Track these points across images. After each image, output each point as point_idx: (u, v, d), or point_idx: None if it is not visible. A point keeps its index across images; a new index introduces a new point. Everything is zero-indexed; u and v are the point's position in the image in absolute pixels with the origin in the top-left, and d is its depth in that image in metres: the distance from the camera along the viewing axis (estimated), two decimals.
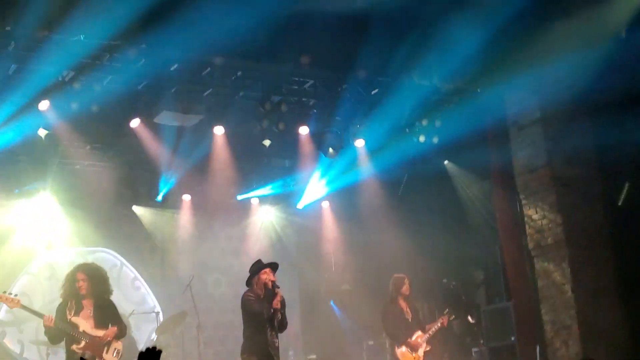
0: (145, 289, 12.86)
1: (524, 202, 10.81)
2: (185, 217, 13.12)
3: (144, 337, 12.03)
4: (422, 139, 11.40)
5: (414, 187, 11.99)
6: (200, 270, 12.85)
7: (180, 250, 13.15)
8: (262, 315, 8.13)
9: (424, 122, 11.33)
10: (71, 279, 7.99)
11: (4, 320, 11.43)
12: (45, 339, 9.36)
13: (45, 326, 7.87)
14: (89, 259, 10.73)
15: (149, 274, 12.98)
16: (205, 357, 11.59)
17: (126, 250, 12.77)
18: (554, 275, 10.31)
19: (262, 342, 8.10)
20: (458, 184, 12.33)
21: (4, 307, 11.17)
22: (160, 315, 12.05)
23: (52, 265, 11.97)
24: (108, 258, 12.20)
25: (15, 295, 8.19)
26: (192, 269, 12.44)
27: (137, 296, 12.66)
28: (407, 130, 11.46)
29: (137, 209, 12.86)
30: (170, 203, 12.87)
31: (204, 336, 11.52)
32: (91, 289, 7.96)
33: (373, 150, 11.77)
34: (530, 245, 10.68)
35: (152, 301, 12.78)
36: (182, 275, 12.34)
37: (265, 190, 13.26)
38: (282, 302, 8.25)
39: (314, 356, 12.55)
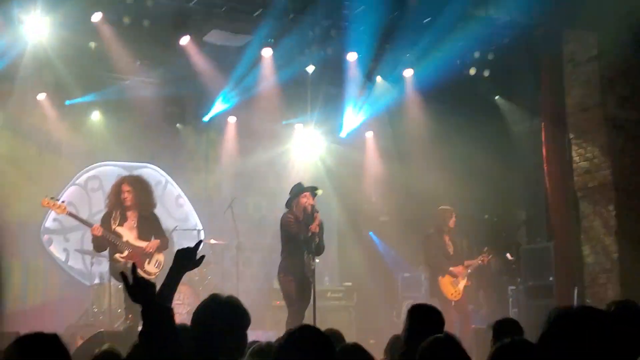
0: (188, 206, 13.06)
1: (573, 142, 10.63)
2: (229, 138, 13.17)
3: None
4: (472, 71, 11.22)
5: (461, 121, 11.81)
6: (241, 192, 12.96)
7: (223, 171, 13.25)
8: (299, 237, 8.25)
9: (476, 55, 11.11)
10: (117, 190, 8.14)
11: (51, 228, 11.74)
12: (90, 248, 9.66)
13: (92, 235, 8.06)
14: (135, 174, 10.90)
15: (193, 192, 13.16)
16: (242, 276, 11.79)
17: (171, 168, 12.94)
18: (599, 218, 10.19)
19: (298, 264, 8.24)
20: (507, 121, 12.13)
21: (51, 215, 11.49)
22: (202, 233, 12.25)
23: (98, 178, 12.21)
24: (153, 174, 12.35)
25: (63, 202, 8.37)
26: (234, 190, 12.57)
27: (180, 213, 12.88)
28: (457, 62, 11.26)
29: (184, 128, 12.96)
30: (216, 124, 12.93)
31: (242, 257, 11.72)
32: (136, 200, 8.11)
33: (421, 81, 11.60)
34: (577, 187, 10.54)
35: (195, 219, 12.99)
36: (224, 196, 12.48)
37: (310, 117, 13.20)
38: (321, 226, 8.35)
39: (349, 283, 12.69)
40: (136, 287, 3.01)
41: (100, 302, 10.36)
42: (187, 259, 3.42)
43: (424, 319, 4.58)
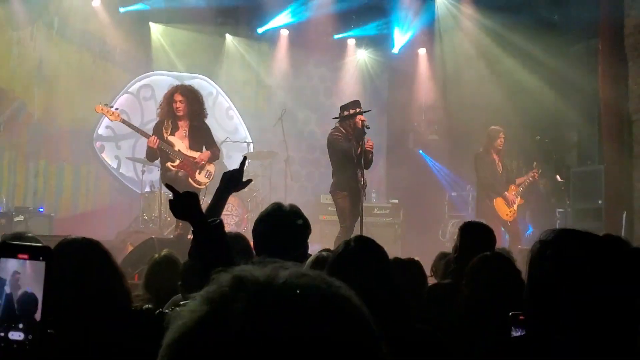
0: (238, 119, 13.14)
1: (630, 63, 10.32)
2: (281, 52, 13.11)
3: (235, 165, 12.34)
4: None
5: (517, 39, 11.53)
6: (291, 106, 12.96)
7: (273, 85, 13.25)
8: (351, 152, 8.23)
9: None
10: (169, 99, 8.17)
11: (103, 135, 11.94)
12: (141, 156, 9.82)
13: (148, 146, 8.15)
14: (187, 84, 10.96)
15: (243, 104, 13.22)
16: (290, 189, 11.92)
17: (222, 80, 12.98)
18: None
19: (350, 179, 8.27)
20: (564, 40, 11.80)
21: (104, 122, 11.67)
22: (251, 146, 12.34)
23: (151, 87, 12.33)
24: (205, 85, 12.40)
25: (116, 109, 8.47)
26: (284, 104, 12.58)
27: (230, 125, 12.97)
28: None
29: (237, 40, 12.91)
30: (268, 36, 12.87)
31: (290, 170, 11.81)
32: (187, 110, 8.14)
33: None
34: (631, 110, 10.30)
35: (244, 131, 13.09)
36: (274, 109, 12.51)
37: (363, 32, 13.03)
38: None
39: (396, 201, 12.73)
40: (177, 204, 3.04)
41: (151, 210, 10.57)
42: (233, 181, 3.45)
43: (476, 236, 4.58)
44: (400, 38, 12.69)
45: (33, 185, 11.27)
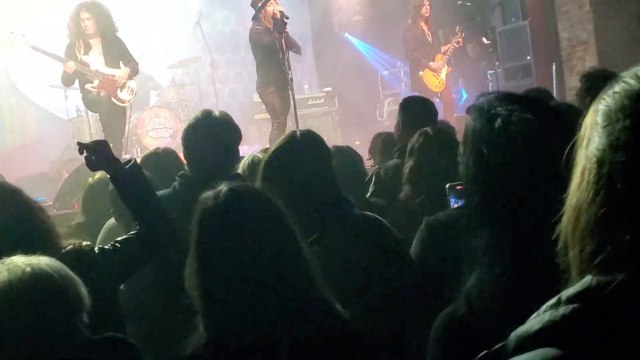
0: (155, 28, 12.63)
1: None
2: None
3: (159, 73, 12.01)
4: None
5: None
6: (208, 7, 12.52)
7: None
8: (275, 45, 8.06)
9: None
10: (75, 18, 7.79)
11: (19, 66, 11.34)
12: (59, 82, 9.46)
13: (64, 72, 7.83)
14: None
15: (155, 12, 12.68)
16: (221, 94, 11.72)
17: None
18: None
19: (277, 74, 8.13)
20: None
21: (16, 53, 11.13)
22: (173, 54, 11.96)
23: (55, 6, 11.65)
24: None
25: (24, 35, 8.06)
26: (199, 6, 12.14)
27: (147, 36, 12.45)
28: None
29: None
30: None
31: (218, 74, 11.53)
32: (97, 26, 7.80)
33: None
34: None
35: (164, 41, 12.60)
36: (189, 12, 12.06)
37: None
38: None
39: (329, 88, 12.60)
40: (89, 156, 2.98)
41: (81, 134, 10.25)
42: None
43: (416, 111, 4.54)
44: None
45: None
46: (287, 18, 8.13)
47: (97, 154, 2.94)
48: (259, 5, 8.25)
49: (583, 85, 4.21)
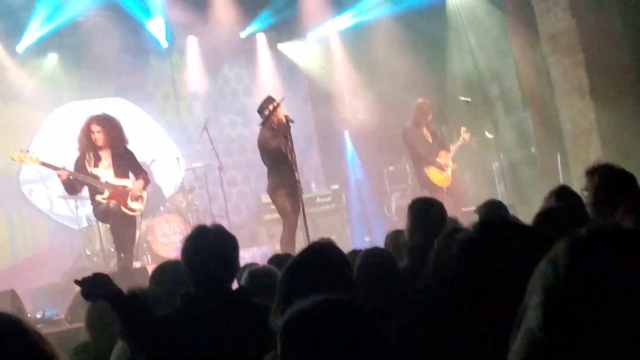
0: (163, 136, 12.89)
1: (536, 9, 10.44)
2: (193, 60, 12.88)
3: (168, 181, 12.17)
4: None
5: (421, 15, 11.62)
6: (214, 112, 12.81)
7: (192, 95, 13.05)
8: (280, 149, 8.19)
9: None
10: (86, 131, 7.96)
11: (29, 178, 11.56)
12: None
13: (61, 180, 7.96)
14: (102, 112, 10.74)
15: (166, 120, 12.97)
16: (229, 196, 11.80)
17: (139, 99, 12.68)
18: (570, 82, 10.14)
19: (285, 176, 8.24)
20: None
21: (26, 165, 11.32)
22: (182, 160, 12.14)
23: (66, 119, 11.92)
24: (122, 107, 12.10)
25: (33, 152, 8.22)
26: (206, 111, 12.41)
27: (157, 144, 12.69)
28: None
29: (145, 56, 12.64)
30: (177, 47, 12.66)
31: (226, 177, 11.66)
32: (106, 138, 7.94)
33: None
34: (545, 52, 10.44)
35: (172, 147, 12.83)
36: (197, 119, 12.29)
37: (266, 21, 12.90)
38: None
39: (336, 186, 12.70)
40: (88, 291, 3.07)
41: (92, 244, 10.35)
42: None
43: (426, 212, 4.59)
44: (304, 22, 12.66)
45: None
46: (292, 122, 8.31)
47: (94, 288, 3.01)
48: (267, 113, 8.43)
49: (589, 183, 4.23)
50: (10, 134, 11.15)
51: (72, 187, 8.00)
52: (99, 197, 7.96)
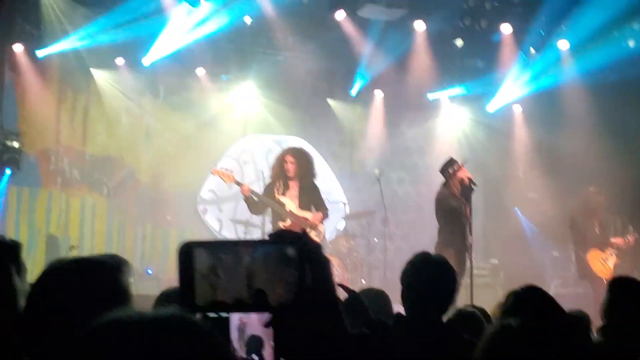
0: (333, 180, 13.24)
1: None
2: (375, 113, 13.25)
3: (331, 225, 12.44)
4: (632, 44, 10.79)
5: (619, 95, 11.35)
6: (385, 167, 13.00)
7: (367, 146, 13.35)
8: (460, 209, 8.23)
9: (635, 26, 10.68)
10: (280, 160, 8.35)
11: (206, 198, 12.21)
12: (242, 217, 10.06)
13: (244, 196, 8.31)
14: (298, 146, 11.33)
15: (338, 166, 13.34)
16: (387, 250, 11.89)
17: (317, 142, 13.12)
18: None
19: (457, 237, 8.24)
20: None
21: (207, 186, 12.00)
22: (347, 207, 12.40)
23: (250, 151, 12.58)
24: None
25: (231, 171, 8.66)
26: (378, 164, 12.64)
27: (326, 186, 13.02)
28: (615, 33, 10.86)
29: (331, 102, 13.14)
30: (362, 98, 13.06)
31: (387, 230, 11.80)
32: (298, 171, 8.31)
33: (577, 53, 11.27)
34: None
35: (340, 192, 13.15)
36: (368, 170, 12.56)
37: (457, 91, 13.08)
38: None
39: (495, 261, 12.52)
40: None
41: None
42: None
43: (627, 292, 4.50)
44: (497, 97, 12.68)
45: (140, 248, 11.59)
46: (475, 185, 8.35)
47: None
48: (450, 171, 8.52)
49: None
50: (198, 154, 11.86)
51: (256, 207, 8.38)
52: (280, 224, 8.29)
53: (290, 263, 1.52)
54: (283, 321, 1.55)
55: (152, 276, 10.54)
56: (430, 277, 3.60)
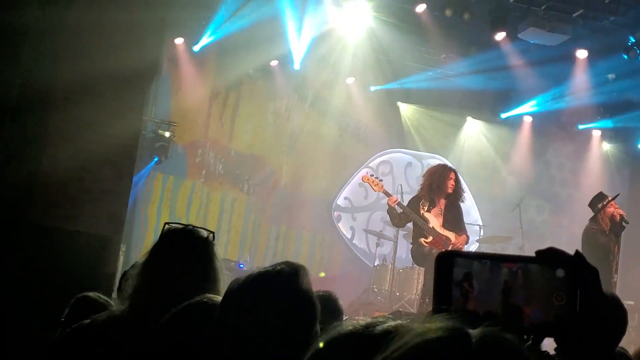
0: (470, 201, 13.05)
1: None
2: (522, 138, 13.00)
3: (468, 247, 12.29)
4: None
5: None
6: (525, 193, 12.73)
7: (510, 170, 13.11)
8: (609, 246, 7.96)
9: None
10: (445, 176, 8.17)
11: (341, 205, 12.32)
12: (375, 229, 10.08)
13: (389, 206, 8.27)
14: (423, 164, 11.30)
15: (477, 188, 13.13)
16: None
17: (457, 161, 12.96)
18: None
19: (604, 275, 7.95)
20: None
21: (344, 193, 12.11)
22: (482, 229, 12.20)
23: (390, 163, 12.61)
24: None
25: (381, 180, 8.66)
26: (519, 190, 12.38)
27: (464, 207, 12.86)
28: None
29: (478, 123, 12.98)
30: (510, 122, 12.83)
31: None
32: (452, 190, 8.23)
33: None
34: None
35: (476, 214, 12.96)
36: (507, 195, 12.34)
37: (609, 124, 12.64)
38: None
39: (631, 302, 11.98)
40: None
41: (381, 283, 10.65)
42: None
43: None
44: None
45: (273, 247, 11.81)
46: (627, 223, 8.05)
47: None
48: (599, 206, 8.25)
49: None
50: (338, 161, 11.99)
51: (398, 219, 8.33)
52: (422, 240, 8.21)
53: (557, 285, 1.49)
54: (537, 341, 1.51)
55: (243, 270, 10.70)
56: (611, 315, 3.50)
